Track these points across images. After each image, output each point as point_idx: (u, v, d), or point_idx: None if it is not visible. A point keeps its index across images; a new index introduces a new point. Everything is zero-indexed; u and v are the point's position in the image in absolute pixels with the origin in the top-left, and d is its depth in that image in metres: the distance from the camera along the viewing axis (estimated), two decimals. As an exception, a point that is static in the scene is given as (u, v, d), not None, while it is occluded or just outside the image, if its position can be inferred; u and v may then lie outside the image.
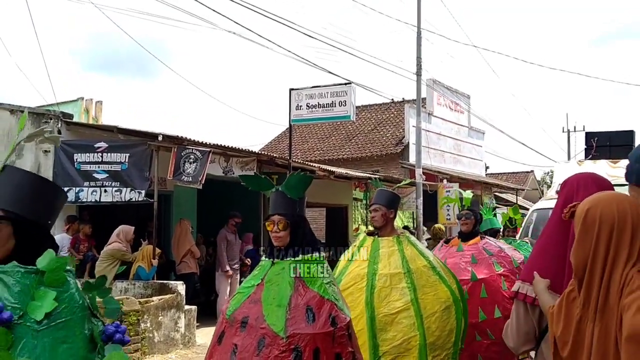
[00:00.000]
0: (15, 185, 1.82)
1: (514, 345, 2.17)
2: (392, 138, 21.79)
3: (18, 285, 1.65)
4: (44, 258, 1.71)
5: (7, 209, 1.78)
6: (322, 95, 12.02)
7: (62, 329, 1.64)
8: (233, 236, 10.22)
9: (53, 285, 1.68)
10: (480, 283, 4.99)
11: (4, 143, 9.76)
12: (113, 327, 1.77)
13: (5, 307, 1.59)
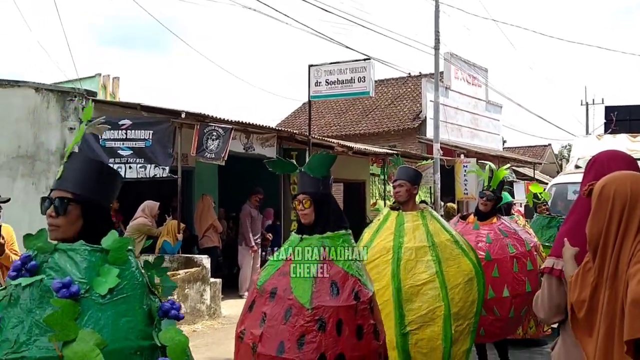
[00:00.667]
0: (81, 170, 1.96)
1: (545, 317, 2.31)
2: (409, 113, 21.75)
3: (85, 262, 1.78)
4: (108, 238, 1.84)
5: (75, 192, 1.92)
6: (341, 71, 12.05)
7: (123, 303, 1.77)
8: (256, 212, 10.43)
9: (116, 263, 1.81)
10: (494, 263, 5.13)
11: (29, 121, 9.95)
12: (169, 303, 1.89)
13: (73, 282, 1.73)
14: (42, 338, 1.66)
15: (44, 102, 9.81)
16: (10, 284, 1.78)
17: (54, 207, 1.90)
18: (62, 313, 1.66)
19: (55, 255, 1.79)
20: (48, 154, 9.75)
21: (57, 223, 1.90)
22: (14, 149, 10.08)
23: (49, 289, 1.72)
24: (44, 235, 1.84)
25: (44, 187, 9.75)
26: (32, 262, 1.78)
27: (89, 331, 1.67)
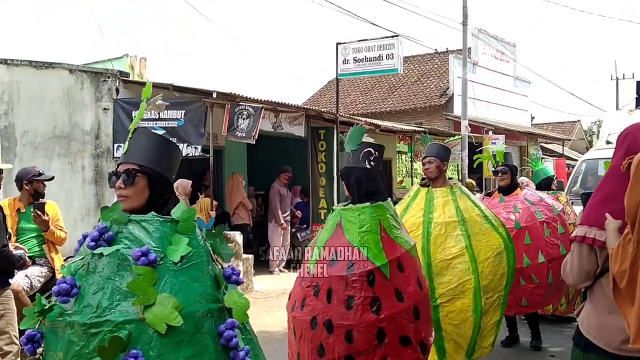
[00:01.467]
0: (146, 144, 2.08)
1: (574, 282, 2.39)
2: (436, 89, 21.61)
3: (157, 232, 1.91)
4: (177, 209, 1.97)
5: (141, 164, 2.04)
6: (368, 48, 12.02)
7: (193, 269, 1.90)
8: (285, 190, 10.58)
9: (185, 232, 1.94)
10: (524, 230, 5.19)
11: (64, 102, 10.19)
12: (230, 269, 2.03)
13: (150, 251, 1.86)
14: (123, 303, 1.79)
15: (78, 83, 10.03)
16: (86, 254, 1.91)
17: (122, 179, 2.02)
18: (143, 279, 1.79)
19: (129, 226, 1.92)
20: (83, 134, 10.00)
21: (126, 194, 2.01)
22: (50, 129, 10.35)
23: (126, 258, 1.85)
24: (118, 207, 1.95)
25: (79, 167, 10.02)
26: (109, 233, 1.91)
27: (166, 295, 1.80)
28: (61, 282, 1.86)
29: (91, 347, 1.77)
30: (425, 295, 3.27)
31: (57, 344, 1.84)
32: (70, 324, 1.82)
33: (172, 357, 1.78)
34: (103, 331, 1.77)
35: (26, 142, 10.63)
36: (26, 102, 10.61)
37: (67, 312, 1.83)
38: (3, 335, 3.97)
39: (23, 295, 4.55)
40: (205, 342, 1.85)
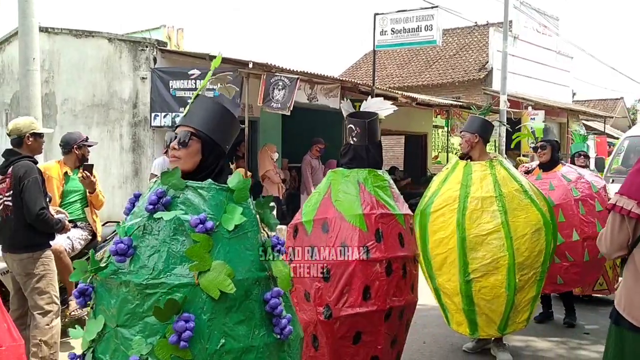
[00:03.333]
0: (205, 111, 2.10)
1: (608, 252, 2.38)
2: (475, 63, 21.17)
3: (213, 199, 1.94)
4: (234, 178, 2.00)
5: (197, 128, 2.07)
6: (407, 19, 11.83)
7: (245, 238, 1.94)
8: (317, 161, 10.55)
9: (240, 201, 1.97)
10: (558, 208, 5.09)
11: (103, 70, 10.33)
12: (275, 239, 2.06)
13: (207, 219, 1.89)
14: (178, 267, 1.84)
15: (117, 52, 10.14)
16: (142, 216, 1.94)
17: (177, 140, 2.06)
18: (200, 246, 1.84)
19: (186, 192, 1.95)
20: (121, 102, 10.14)
21: (179, 155, 2.06)
22: (89, 97, 10.52)
23: (182, 222, 1.88)
24: (177, 173, 1.98)
25: (117, 135, 10.19)
26: (166, 197, 1.94)
27: (220, 262, 1.85)
28: (118, 242, 1.90)
29: (145, 306, 1.82)
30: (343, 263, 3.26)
31: (110, 300, 1.90)
32: (125, 283, 1.87)
33: (222, 321, 1.83)
34: (158, 292, 1.82)
35: (66, 110, 10.84)
36: (66, 70, 10.80)
37: (122, 271, 1.88)
38: (44, 294, 4.09)
39: (65, 255, 4.67)
40: (252, 308, 1.90)
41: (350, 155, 3.59)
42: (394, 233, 3.35)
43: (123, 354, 1.82)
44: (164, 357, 1.77)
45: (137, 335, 1.81)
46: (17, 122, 4.29)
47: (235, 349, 1.83)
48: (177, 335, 1.77)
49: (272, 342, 1.92)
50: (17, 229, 4.04)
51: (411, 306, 3.50)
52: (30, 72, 6.70)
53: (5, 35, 12.01)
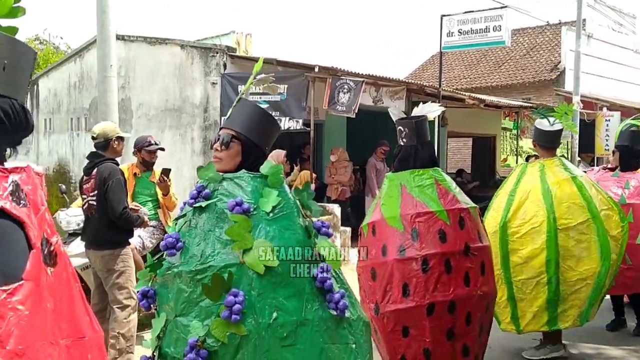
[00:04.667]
0: (246, 114, 2.22)
1: None
2: (547, 63, 20.56)
3: (249, 186, 2.07)
4: (265, 165, 2.12)
5: (238, 130, 2.19)
6: (475, 20, 11.65)
7: (284, 219, 2.03)
8: (382, 164, 10.54)
9: (274, 186, 2.08)
10: (629, 207, 4.93)
11: (176, 76, 10.73)
12: (320, 222, 2.16)
13: (244, 202, 2.01)
14: (223, 250, 1.96)
15: (189, 58, 10.51)
16: (187, 212, 2.09)
17: (220, 141, 2.19)
18: (239, 226, 1.95)
19: (224, 183, 2.09)
20: (192, 107, 10.50)
21: (220, 156, 2.19)
22: (162, 102, 10.96)
23: (223, 211, 2.01)
24: (212, 167, 2.14)
25: (189, 138, 10.56)
26: (206, 191, 2.09)
27: (262, 240, 1.95)
28: (167, 238, 2.05)
29: (198, 291, 1.94)
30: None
31: (168, 295, 2.03)
32: (178, 274, 1.99)
33: (271, 296, 1.91)
34: (207, 276, 1.93)
35: (141, 114, 11.32)
36: (141, 77, 11.28)
37: (175, 265, 2.01)
38: (123, 290, 4.32)
39: (135, 253, 4.91)
40: (301, 283, 1.97)
41: (400, 156, 3.73)
42: (433, 230, 3.42)
43: (183, 340, 1.92)
44: (220, 335, 1.86)
45: (193, 320, 1.92)
46: (104, 127, 4.54)
47: (289, 322, 1.89)
48: (228, 310, 1.86)
49: (328, 317, 1.97)
50: (100, 227, 4.30)
51: (470, 299, 3.43)
52: (108, 78, 7.06)
53: (84, 44, 12.68)
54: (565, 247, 4.21)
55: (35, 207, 1.41)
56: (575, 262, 4.23)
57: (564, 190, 4.29)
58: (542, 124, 4.62)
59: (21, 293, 1.29)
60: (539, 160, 4.66)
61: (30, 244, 1.35)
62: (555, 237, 4.20)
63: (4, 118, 1.43)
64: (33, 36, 23.36)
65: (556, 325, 4.33)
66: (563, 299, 4.26)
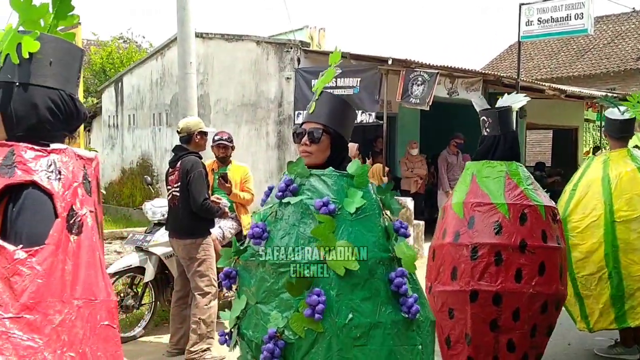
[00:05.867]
0: (332, 107, 2.25)
1: None
2: (633, 52, 19.57)
3: (336, 185, 2.09)
4: (352, 165, 2.14)
5: (327, 124, 2.22)
6: (555, 8, 11.22)
7: (367, 220, 2.06)
8: (454, 157, 10.33)
9: (360, 186, 2.10)
10: None
11: (251, 72, 10.97)
12: (399, 223, 2.16)
13: (330, 202, 2.04)
14: (306, 247, 2.02)
15: (264, 54, 10.72)
16: (274, 203, 2.15)
17: (308, 136, 2.21)
18: (325, 227, 2.00)
19: (311, 179, 2.13)
20: (267, 102, 10.71)
21: (310, 150, 2.21)
22: (238, 98, 11.24)
23: (308, 207, 2.06)
24: (302, 162, 2.17)
25: (264, 133, 10.79)
26: (293, 185, 2.13)
27: (345, 242, 2.00)
28: (254, 227, 2.11)
29: (280, 283, 2.01)
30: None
31: (250, 280, 2.12)
32: (262, 263, 2.08)
33: (349, 297, 1.96)
34: (290, 270, 2.00)
35: (219, 109, 11.66)
36: (218, 73, 11.61)
37: (259, 253, 2.09)
38: (204, 277, 4.51)
39: (216, 244, 5.10)
40: (377, 286, 2.01)
41: (482, 146, 3.73)
42: (489, 221, 3.44)
43: (263, 327, 2.01)
44: (298, 329, 1.94)
45: (273, 310, 2.00)
46: (187, 122, 4.75)
47: (363, 323, 1.94)
48: (311, 308, 1.92)
49: (399, 320, 2.00)
50: (183, 217, 4.50)
51: (519, 295, 3.38)
52: (188, 75, 7.33)
53: (165, 42, 13.18)
54: (626, 240, 4.04)
55: (68, 182, 1.62)
56: (639, 256, 4.04)
57: (627, 182, 4.12)
58: (613, 113, 4.46)
59: (41, 255, 1.50)
60: (605, 152, 4.49)
61: (56, 213, 1.56)
62: (613, 230, 4.05)
63: (54, 108, 1.67)
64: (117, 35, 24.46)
65: (626, 322, 4.14)
66: (629, 295, 4.07)
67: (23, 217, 1.52)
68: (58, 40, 1.71)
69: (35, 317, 1.45)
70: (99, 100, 16.03)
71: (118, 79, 14.94)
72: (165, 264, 5.19)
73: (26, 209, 1.53)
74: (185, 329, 4.64)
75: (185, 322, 4.65)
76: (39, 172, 1.57)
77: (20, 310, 1.44)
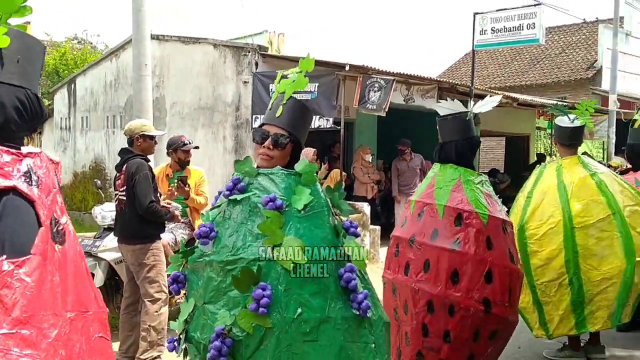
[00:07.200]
0: (298, 114, 2.26)
1: None
2: (583, 62, 20.21)
3: (283, 183, 2.11)
4: (300, 163, 2.17)
5: (292, 131, 2.22)
6: (508, 18, 11.51)
7: (315, 217, 2.08)
8: (404, 163, 10.41)
9: (307, 184, 2.12)
10: None
11: (208, 75, 10.87)
12: (348, 222, 2.19)
13: (277, 198, 2.06)
14: (254, 243, 2.02)
15: (221, 57, 10.64)
16: (222, 203, 2.16)
17: (272, 140, 2.20)
18: (271, 222, 2.01)
19: (259, 178, 2.14)
20: (225, 105, 10.62)
21: (272, 154, 2.21)
22: (195, 101, 11.11)
23: (256, 205, 2.07)
24: (249, 161, 2.18)
25: (221, 137, 10.69)
26: (241, 184, 2.14)
27: (292, 237, 2.01)
28: (201, 227, 2.11)
29: (227, 281, 2.00)
30: None
31: (198, 282, 2.10)
32: (209, 263, 2.06)
33: (298, 291, 1.96)
34: (237, 267, 1.99)
35: (175, 112, 11.50)
36: (175, 75, 11.46)
37: (206, 254, 2.08)
38: (154, 283, 4.42)
39: (168, 249, 5.02)
40: (327, 282, 2.01)
41: (441, 150, 3.83)
42: (413, 215, 3.63)
43: (210, 327, 1.99)
44: (246, 325, 1.93)
45: (221, 309, 1.99)
46: (130, 124, 4.70)
47: (312, 318, 1.94)
48: (256, 302, 1.91)
49: (350, 317, 2.01)
50: (130, 222, 4.41)
51: (406, 289, 3.47)
52: (143, 77, 7.20)
53: (120, 43, 12.94)
54: (585, 246, 4.12)
55: (46, 189, 1.53)
56: (597, 261, 4.13)
57: (581, 188, 4.22)
58: (563, 121, 4.55)
59: (28, 266, 1.40)
60: (557, 160, 4.60)
61: (39, 222, 1.47)
62: (572, 236, 4.12)
63: (21, 107, 1.57)
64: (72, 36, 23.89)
65: (585, 327, 4.24)
66: (589, 300, 4.16)
67: (4, 224, 1.41)
68: (24, 36, 1.61)
69: (30, 332, 1.36)
70: (50, 102, 15.62)
71: (71, 80, 14.59)
72: (115, 270, 5.08)
73: (7, 217, 1.42)
74: (135, 336, 4.55)
75: (135, 329, 4.56)
76: (17, 177, 1.46)
77: (14, 325, 1.34)
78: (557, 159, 4.66)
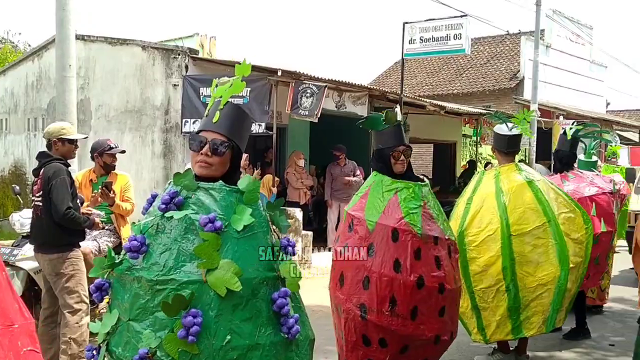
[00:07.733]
0: (236, 119, 2.13)
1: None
2: (506, 72, 21.03)
3: (224, 200, 1.99)
4: (243, 181, 2.05)
5: (230, 137, 2.09)
6: (436, 28, 11.84)
7: (254, 239, 1.99)
8: (338, 168, 10.47)
9: (249, 203, 2.02)
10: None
11: (136, 77, 10.58)
12: (286, 240, 2.11)
13: (217, 218, 1.94)
14: (187, 264, 1.90)
15: (150, 59, 10.38)
16: (156, 215, 2.01)
17: (210, 147, 2.07)
18: (209, 245, 1.90)
19: (198, 193, 2.01)
20: (153, 109, 10.36)
21: (211, 162, 2.07)
22: (122, 104, 10.79)
23: (193, 222, 1.94)
24: (190, 174, 2.04)
25: (149, 140, 10.41)
26: (178, 198, 2.00)
27: (228, 261, 1.90)
28: (132, 240, 1.97)
29: (156, 301, 1.89)
30: None
31: (124, 295, 1.97)
32: (137, 279, 1.94)
33: (229, 318, 1.88)
34: (167, 288, 1.88)
35: (100, 115, 11.13)
36: (101, 77, 11.09)
37: (135, 267, 1.96)
38: (73, 294, 4.23)
39: (91, 257, 4.81)
40: (259, 307, 1.95)
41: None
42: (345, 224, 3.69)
43: (133, 346, 1.89)
44: (172, 350, 1.84)
45: (147, 329, 1.88)
46: (48, 127, 4.50)
47: (241, 345, 1.88)
48: (185, 330, 1.83)
49: (279, 341, 1.96)
50: (48, 229, 4.20)
51: (335, 299, 3.66)
52: (67, 78, 6.92)
53: (42, 43, 12.42)
54: (521, 253, 4.19)
55: None
56: (533, 268, 4.20)
57: (519, 196, 4.27)
58: (501, 129, 4.63)
59: None
60: (495, 167, 4.68)
61: None
62: (510, 243, 4.18)
63: None
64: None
65: (521, 333, 4.30)
66: (525, 306, 4.22)
67: None
68: None
69: None
70: (-34, 103, 14.78)
71: (-12, 80, 13.86)
72: (35, 280, 4.83)
73: None
74: (56, 349, 4.33)
75: (55, 341, 4.34)
76: None
77: None
78: (497, 166, 4.70)
